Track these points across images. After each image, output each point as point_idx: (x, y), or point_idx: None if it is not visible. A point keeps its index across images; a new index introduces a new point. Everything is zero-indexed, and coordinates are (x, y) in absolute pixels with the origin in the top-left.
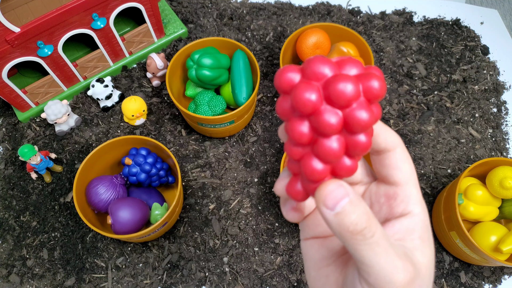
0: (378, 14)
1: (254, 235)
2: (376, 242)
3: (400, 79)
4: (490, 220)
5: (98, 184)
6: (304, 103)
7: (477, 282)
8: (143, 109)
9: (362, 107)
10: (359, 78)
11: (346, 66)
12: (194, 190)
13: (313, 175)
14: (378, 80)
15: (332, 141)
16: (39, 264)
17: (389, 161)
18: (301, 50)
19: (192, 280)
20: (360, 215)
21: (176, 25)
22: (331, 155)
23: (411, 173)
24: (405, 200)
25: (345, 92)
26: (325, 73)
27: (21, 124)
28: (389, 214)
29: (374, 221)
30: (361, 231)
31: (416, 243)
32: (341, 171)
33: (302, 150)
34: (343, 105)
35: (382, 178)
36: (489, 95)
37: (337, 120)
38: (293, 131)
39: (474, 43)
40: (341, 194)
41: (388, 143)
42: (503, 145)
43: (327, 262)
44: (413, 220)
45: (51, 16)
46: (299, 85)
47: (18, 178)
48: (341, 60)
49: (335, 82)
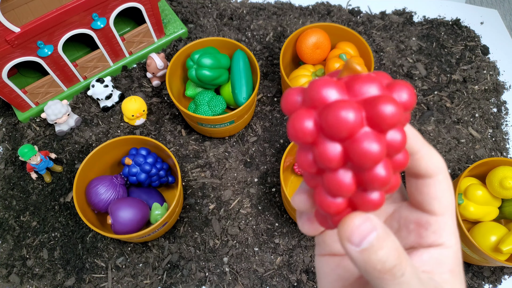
0: (378, 14)
1: (254, 235)
2: (407, 282)
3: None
4: (490, 220)
5: (98, 184)
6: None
7: (477, 282)
8: (143, 109)
9: (366, 139)
10: (365, 102)
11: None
12: (194, 190)
13: (325, 208)
14: (389, 104)
15: (339, 175)
16: (39, 264)
17: (428, 189)
18: (301, 50)
19: (192, 280)
20: (389, 252)
21: (176, 25)
22: (338, 190)
23: (451, 204)
24: (438, 231)
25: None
26: (325, 98)
27: (21, 124)
28: (417, 243)
29: (405, 257)
30: (390, 269)
31: (446, 277)
32: (362, 206)
33: (314, 180)
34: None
35: (416, 204)
36: (489, 95)
37: (335, 153)
38: (299, 160)
39: (474, 43)
40: (368, 229)
41: (431, 168)
42: (503, 145)
43: (343, 284)
44: (444, 252)
45: (51, 16)
46: (295, 112)
47: (18, 178)
48: (351, 79)
49: (329, 111)
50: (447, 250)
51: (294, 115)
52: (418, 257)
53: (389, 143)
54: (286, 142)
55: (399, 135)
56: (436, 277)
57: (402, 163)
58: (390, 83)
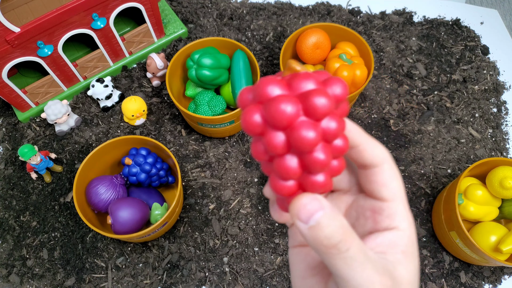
0: (378, 14)
1: (254, 235)
2: (352, 257)
3: (400, 79)
4: (490, 220)
5: (98, 184)
6: (249, 126)
7: (477, 282)
8: (143, 109)
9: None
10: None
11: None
12: (194, 190)
13: (278, 191)
14: (321, 96)
15: (285, 160)
16: (39, 264)
17: (376, 177)
18: (301, 50)
19: (192, 280)
20: (334, 229)
21: (176, 25)
22: (286, 173)
23: (399, 189)
24: (390, 216)
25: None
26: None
27: (21, 124)
28: (373, 229)
29: (351, 234)
30: (335, 244)
31: (398, 257)
32: (310, 187)
33: (268, 167)
34: (283, 127)
35: (369, 193)
36: (489, 95)
37: (280, 141)
38: (252, 150)
39: (474, 43)
40: (315, 207)
41: (374, 158)
42: (503, 145)
43: (312, 272)
44: (397, 234)
45: (51, 16)
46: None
47: (18, 178)
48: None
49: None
50: (400, 233)
51: (245, 110)
52: (372, 240)
53: (325, 130)
54: None
55: (334, 123)
56: (389, 257)
57: (342, 148)
58: (325, 79)
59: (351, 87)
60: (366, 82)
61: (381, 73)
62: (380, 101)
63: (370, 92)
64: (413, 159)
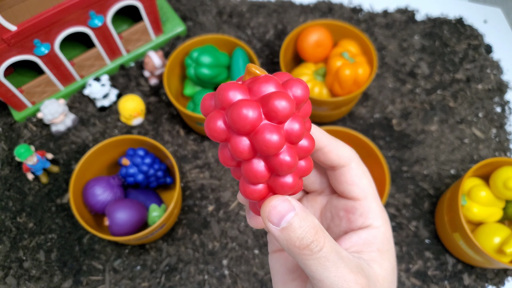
0: (380, 12)
1: (254, 237)
2: (325, 257)
3: (403, 78)
4: (493, 221)
5: (95, 185)
6: (212, 133)
7: (480, 284)
8: (141, 108)
9: (266, 131)
10: (262, 100)
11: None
12: (193, 191)
13: (247, 196)
14: (281, 99)
15: (252, 164)
16: (36, 266)
17: (344, 177)
18: (302, 48)
19: (191, 283)
20: (306, 229)
21: (174, 23)
22: (254, 177)
23: (369, 187)
24: (363, 214)
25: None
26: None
27: (17, 124)
28: (348, 228)
29: (323, 234)
30: (308, 245)
31: (374, 255)
32: (279, 189)
33: (237, 172)
34: (246, 132)
35: (340, 193)
36: (493, 94)
37: (245, 146)
38: (220, 156)
39: (477, 42)
40: (285, 209)
41: (341, 159)
42: (507, 145)
43: (292, 277)
44: (372, 233)
45: (48, 14)
46: (209, 114)
47: (14, 179)
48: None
49: (232, 110)
50: (374, 231)
51: (208, 117)
52: (347, 239)
53: (288, 132)
54: None
55: (297, 124)
56: (364, 256)
57: (308, 149)
58: (286, 81)
59: (353, 85)
60: (369, 80)
61: (384, 71)
62: (382, 101)
63: (373, 91)
64: (416, 159)
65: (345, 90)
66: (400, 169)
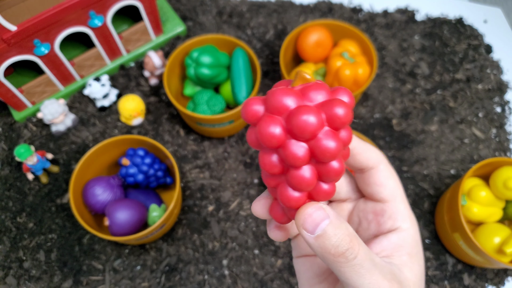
0: (380, 12)
1: (254, 237)
2: (360, 264)
3: (403, 78)
4: (493, 221)
5: (95, 185)
6: (268, 138)
7: (480, 284)
8: (141, 108)
9: (327, 137)
10: (323, 106)
11: (310, 94)
12: (193, 191)
13: (289, 203)
14: (342, 106)
15: (303, 171)
16: (36, 266)
17: (373, 179)
18: (302, 48)
19: (191, 283)
20: (341, 237)
21: (174, 23)
22: (303, 184)
23: (397, 188)
24: (392, 216)
25: (307, 125)
26: (287, 105)
27: (17, 124)
28: (377, 231)
29: (357, 241)
30: (343, 253)
31: (404, 259)
32: (318, 195)
33: (276, 179)
34: (308, 138)
35: (368, 196)
36: (493, 94)
37: (303, 152)
38: (264, 162)
39: (477, 42)
40: (320, 217)
41: (369, 161)
42: (507, 145)
43: (319, 280)
44: (401, 236)
45: (48, 14)
46: (262, 119)
47: (14, 179)
48: (305, 88)
49: (296, 116)
50: (403, 233)
51: (261, 122)
52: (378, 244)
53: (343, 138)
54: None
55: (347, 132)
56: (395, 260)
57: (347, 155)
58: (334, 89)
59: (353, 86)
60: (369, 80)
61: (384, 71)
62: (382, 100)
63: (373, 91)
64: (416, 159)
65: None
66: (400, 169)
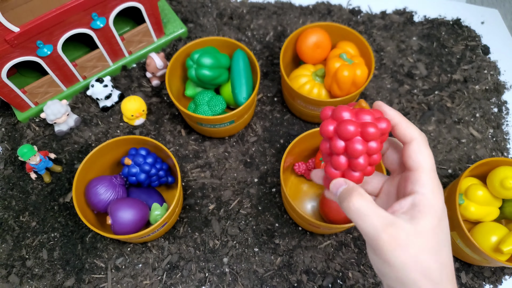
0: (378, 13)
1: (254, 235)
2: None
3: (401, 78)
4: (490, 220)
5: (97, 184)
6: (324, 130)
7: (477, 282)
8: (143, 109)
9: (357, 143)
10: (362, 125)
11: (361, 115)
12: (194, 190)
13: (329, 175)
14: (373, 127)
15: (340, 158)
16: (38, 264)
17: (408, 151)
18: (302, 50)
19: (192, 280)
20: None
21: (175, 25)
22: (338, 166)
23: (425, 162)
24: (413, 182)
25: (346, 131)
26: (343, 116)
27: (20, 124)
28: (402, 194)
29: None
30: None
31: (414, 214)
32: (350, 178)
33: (326, 159)
34: (345, 139)
35: (405, 166)
36: (490, 95)
37: (341, 146)
38: (321, 146)
39: (474, 43)
40: (340, 184)
41: (408, 135)
42: (503, 145)
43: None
44: (417, 198)
45: (51, 15)
46: (326, 120)
47: (17, 178)
48: (359, 110)
49: (343, 123)
50: (419, 196)
51: (324, 122)
52: (397, 203)
53: (369, 147)
54: (286, 142)
55: (376, 144)
56: (407, 216)
57: (377, 161)
58: (379, 117)
59: (351, 86)
60: (367, 82)
61: (382, 72)
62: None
63: (371, 92)
64: None
65: (344, 91)
66: None
